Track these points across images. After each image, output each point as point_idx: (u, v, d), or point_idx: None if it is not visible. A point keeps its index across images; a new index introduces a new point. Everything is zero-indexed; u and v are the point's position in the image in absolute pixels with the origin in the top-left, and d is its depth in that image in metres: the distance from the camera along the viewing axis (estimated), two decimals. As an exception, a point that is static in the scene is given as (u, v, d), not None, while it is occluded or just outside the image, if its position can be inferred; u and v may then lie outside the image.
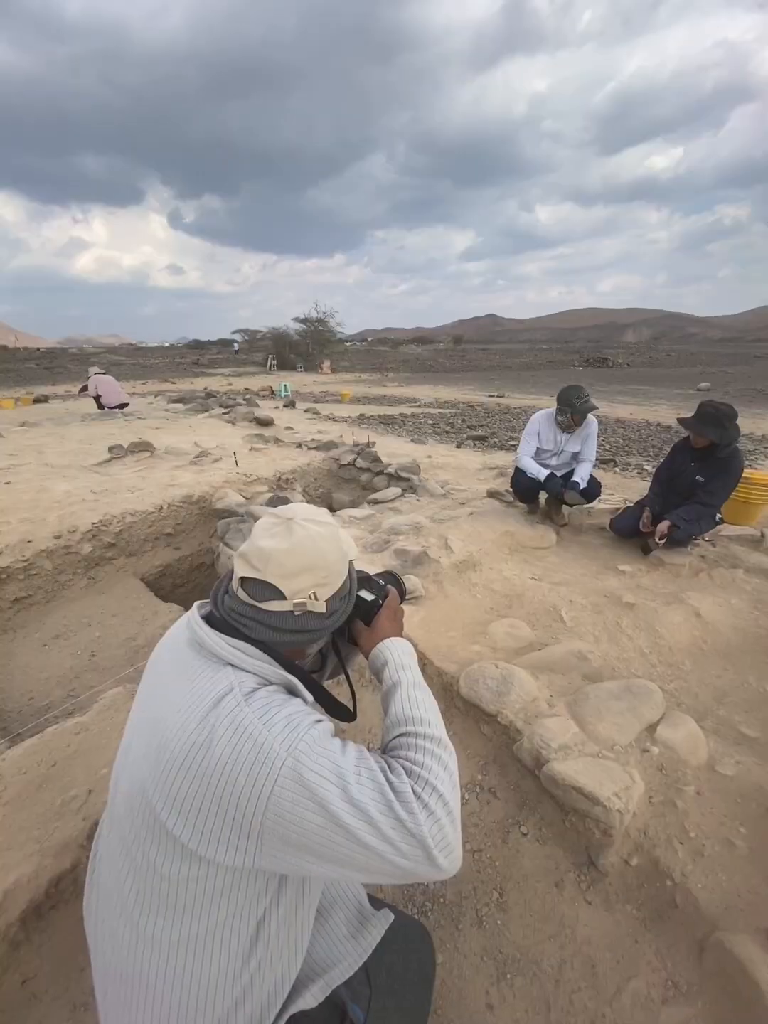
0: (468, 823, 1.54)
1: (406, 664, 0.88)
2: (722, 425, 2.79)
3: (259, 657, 0.78)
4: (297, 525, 0.81)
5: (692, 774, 1.56)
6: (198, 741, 0.69)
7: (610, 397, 15.70)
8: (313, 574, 0.79)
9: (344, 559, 0.86)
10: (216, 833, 0.67)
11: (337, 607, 0.85)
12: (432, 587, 2.72)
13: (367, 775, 0.70)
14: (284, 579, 0.78)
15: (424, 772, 0.72)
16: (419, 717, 0.80)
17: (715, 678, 2.15)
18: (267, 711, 0.71)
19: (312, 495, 5.52)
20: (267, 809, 0.66)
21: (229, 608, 0.82)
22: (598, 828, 1.39)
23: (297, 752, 0.68)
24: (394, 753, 0.78)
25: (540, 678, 1.94)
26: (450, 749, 0.78)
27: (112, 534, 3.68)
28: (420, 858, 0.67)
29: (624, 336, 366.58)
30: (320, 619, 0.82)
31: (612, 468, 6.66)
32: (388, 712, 0.83)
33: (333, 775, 0.68)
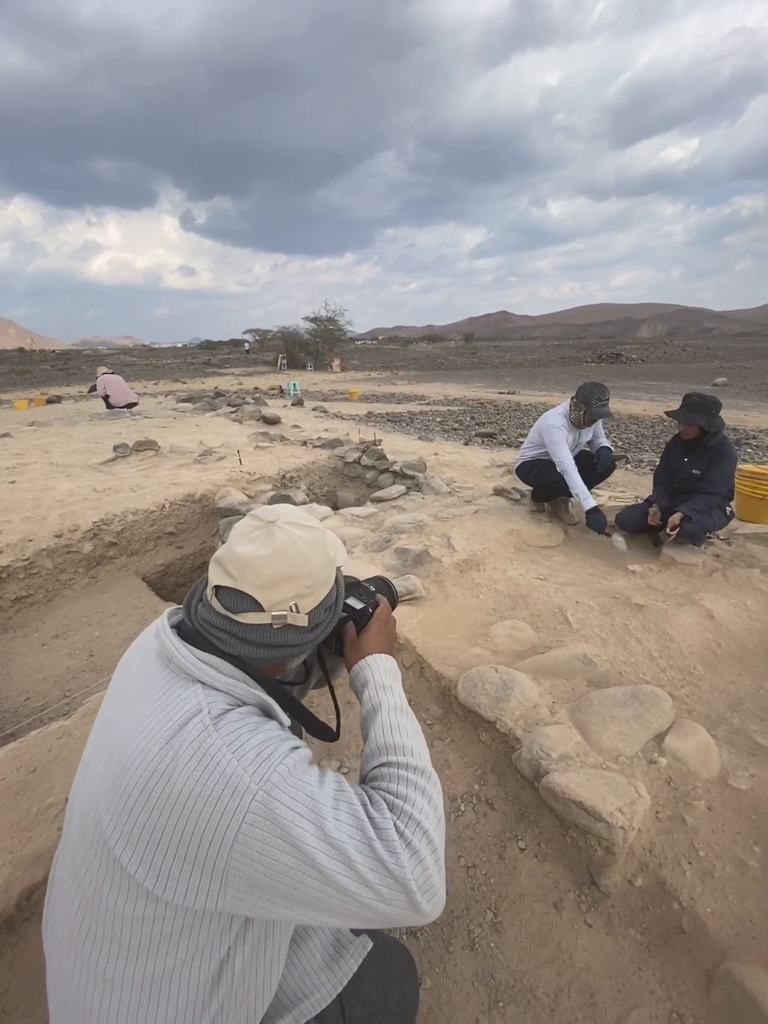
0: (463, 836, 1.46)
1: (388, 685, 0.81)
2: (709, 412, 2.83)
3: (232, 674, 0.71)
4: (279, 529, 0.73)
5: (703, 787, 1.46)
6: (159, 768, 0.62)
7: (623, 393, 15.44)
8: (295, 584, 0.72)
9: (330, 566, 0.78)
10: (175, 873, 0.61)
11: (321, 619, 0.78)
12: (433, 587, 2.64)
13: (346, 809, 0.63)
14: (262, 589, 0.70)
15: (407, 806, 0.66)
16: (401, 745, 0.73)
17: (729, 684, 2.04)
18: (237, 737, 0.64)
19: (317, 493, 5.47)
20: (233, 848, 0.59)
21: (202, 619, 0.74)
22: (600, 845, 1.30)
23: (269, 785, 0.61)
24: (375, 784, 0.71)
25: (542, 683, 1.86)
26: (435, 780, 0.71)
27: (113, 533, 3.67)
28: (401, 903, 0.61)
29: (638, 331, 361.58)
30: (302, 633, 0.75)
31: (624, 465, 6.50)
32: (367, 739, 0.76)
33: (308, 810, 0.61)
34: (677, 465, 3.08)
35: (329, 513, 3.75)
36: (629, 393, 15.58)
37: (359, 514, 3.76)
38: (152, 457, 5.29)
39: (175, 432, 6.80)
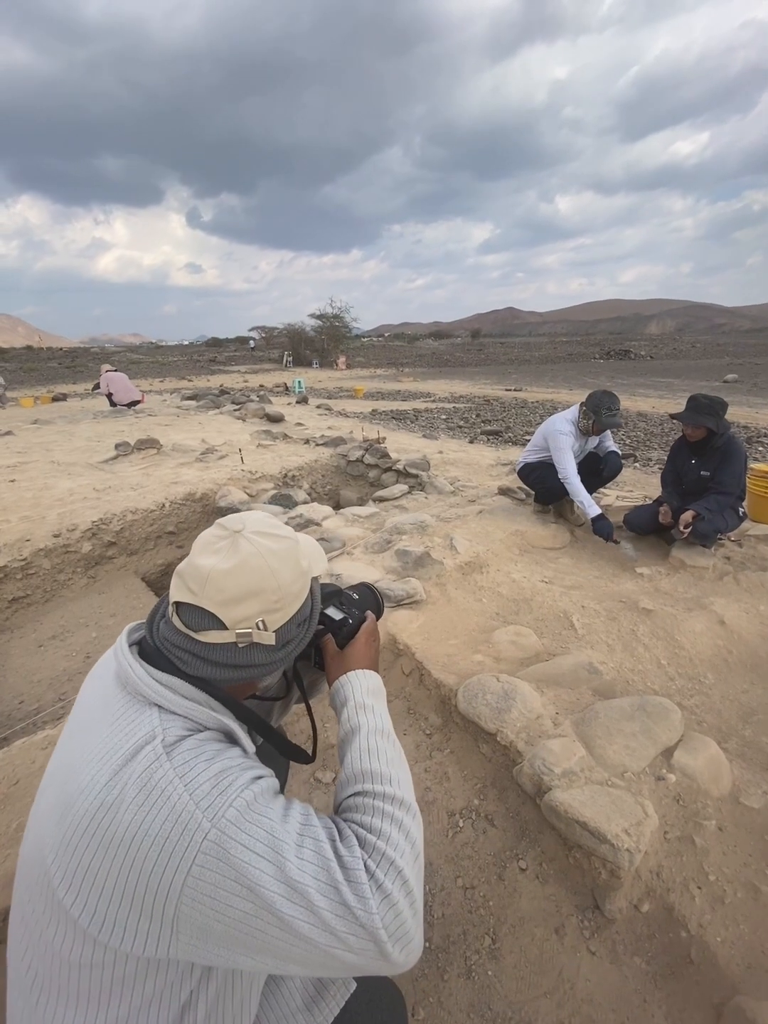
0: (461, 854, 1.40)
1: (368, 705, 0.74)
2: (716, 413, 2.74)
3: (193, 696, 0.66)
4: (244, 540, 0.68)
5: (713, 806, 1.40)
6: (105, 803, 0.57)
7: (632, 390, 15.26)
8: (261, 599, 0.66)
9: (303, 578, 0.72)
10: (121, 918, 0.55)
11: (293, 635, 0.72)
12: (434, 590, 2.57)
13: (311, 847, 0.57)
14: (224, 606, 0.65)
15: (381, 842, 0.59)
16: (378, 772, 0.67)
17: (741, 693, 1.97)
18: (192, 767, 0.58)
19: (319, 492, 5.42)
20: (183, 893, 0.53)
21: (163, 636, 0.69)
22: (605, 868, 1.24)
23: (224, 822, 0.55)
24: (347, 816, 0.65)
25: (546, 693, 1.79)
26: (414, 812, 0.65)
27: (113, 532, 3.63)
28: (370, 953, 0.55)
29: (647, 328, 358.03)
30: (270, 651, 0.69)
31: (632, 463, 6.40)
32: (343, 763, 0.70)
33: (267, 849, 0.55)
34: (685, 467, 2.99)
35: (330, 513, 3.70)
36: (638, 390, 15.39)
37: (360, 514, 3.70)
38: (153, 455, 5.25)
39: (178, 430, 6.77)
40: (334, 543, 3.03)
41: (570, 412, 3.32)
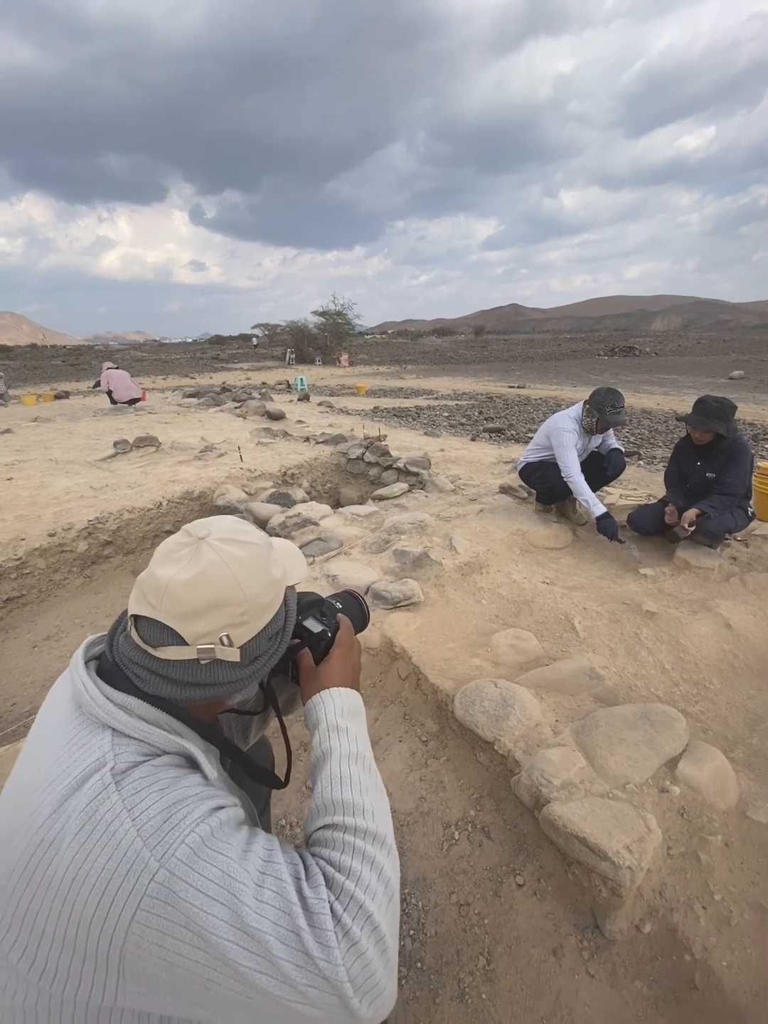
0: (456, 869, 1.35)
1: (342, 727, 0.69)
2: (726, 417, 2.65)
3: (150, 718, 0.61)
4: (208, 547, 0.62)
5: (719, 820, 1.34)
6: (46, 839, 0.52)
7: (636, 387, 15.12)
8: (225, 612, 0.61)
9: (274, 588, 0.67)
10: (64, 965, 0.50)
11: (263, 650, 0.66)
12: (433, 592, 2.52)
13: (272, 888, 0.52)
14: (183, 620, 0.60)
15: (350, 883, 0.54)
16: (350, 802, 0.61)
17: (747, 699, 1.91)
18: (142, 798, 0.53)
19: (319, 490, 5.37)
20: (128, 940, 0.48)
21: (122, 652, 0.64)
22: (605, 886, 1.19)
23: (173, 861, 0.50)
24: (315, 851, 0.59)
25: (545, 699, 1.74)
26: (389, 847, 0.60)
27: (109, 531, 3.59)
28: (333, 1007, 0.50)
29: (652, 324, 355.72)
30: (235, 669, 0.63)
31: (636, 461, 6.31)
32: (313, 792, 0.65)
33: (222, 892, 0.50)
34: (690, 469, 2.91)
35: (328, 512, 3.65)
36: (642, 387, 15.26)
37: (359, 513, 3.64)
38: (152, 453, 5.21)
39: (177, 428, 6.73)
40: (331, 543, 2.98)
41: (573, 410, 3.25)
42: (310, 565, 2.79)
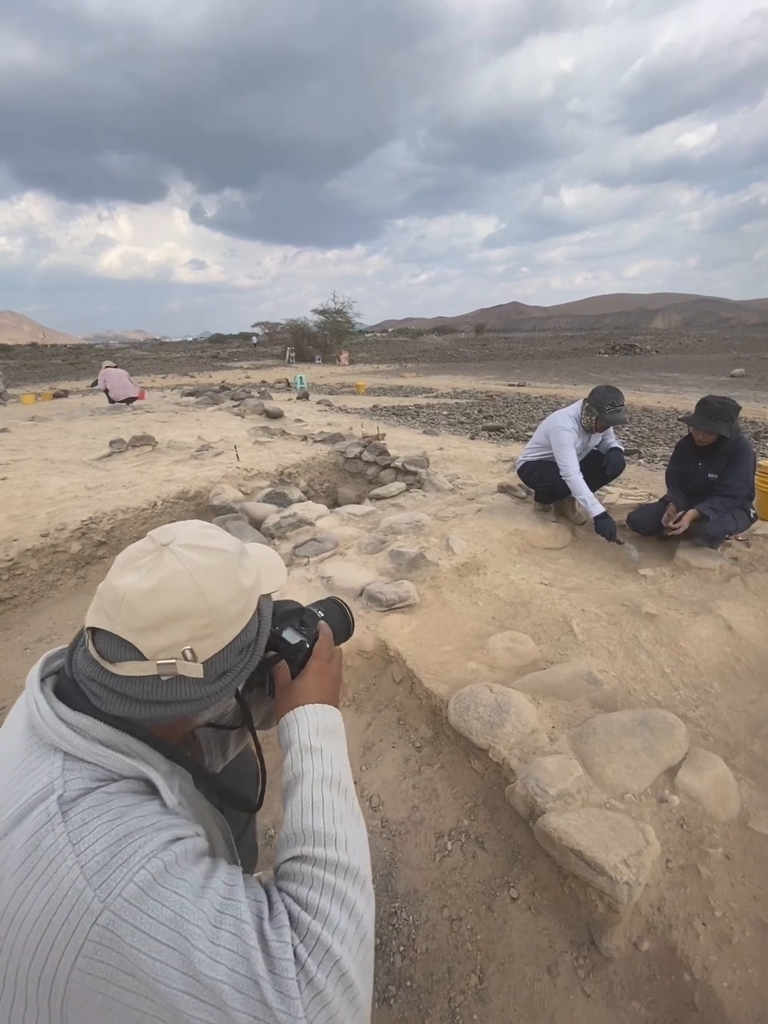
0: (448, 881, 1.31)
1: (315, 748, 0.64)
2: (730, 418, 2.60)
3: (107, 739, 0.56)
4: (171, 555, 0.58)
5: (720, 831, 1.30)
6: None
7: (637, 385, 15.06)
8: (187, 624, 0.57)
9: (245, 598, 0.62)
10: (3, 1010, 0.46)
11: (231, 664, 0.62)
12: (429, 593, 2.48)
13: (231, 929, 0.47)
14: (141, 633, 0.55)
15: (316, 923, 0.50)
16: (321, 832, 0.57)
17: (749, 704, 1.86)
18: (89, 832, 0.49)
19: (317, 490, 5.33)
20: (69, 988, 0.45)
21: (80, 669, 0.60)
22: (602, 901, 1.15)
23: (119, 902, 0.46)
24: (282, 885, 0.55)
25: (542, 704, 1.70)
26: (363, 880, 0.56)
27: (103, 532, 3.55)
28: None
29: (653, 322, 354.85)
30: (199, 685, 0.59)
31: (637, 460, 6.26)
32: (284, 818, 0.61)
33: (173, 935, 0.46)
34: (691, 469, 2.86)
35: (324, 512, 3.61)
36: (643, 385, 15.19)
37: (356, 513, 3.60)
38: (148, 453, 5.17)
39: (175, 427, 6.69)
40: (326, 544, 2.94)
41: (573, 408, 3.20)
42: (304, 566, 2.75)
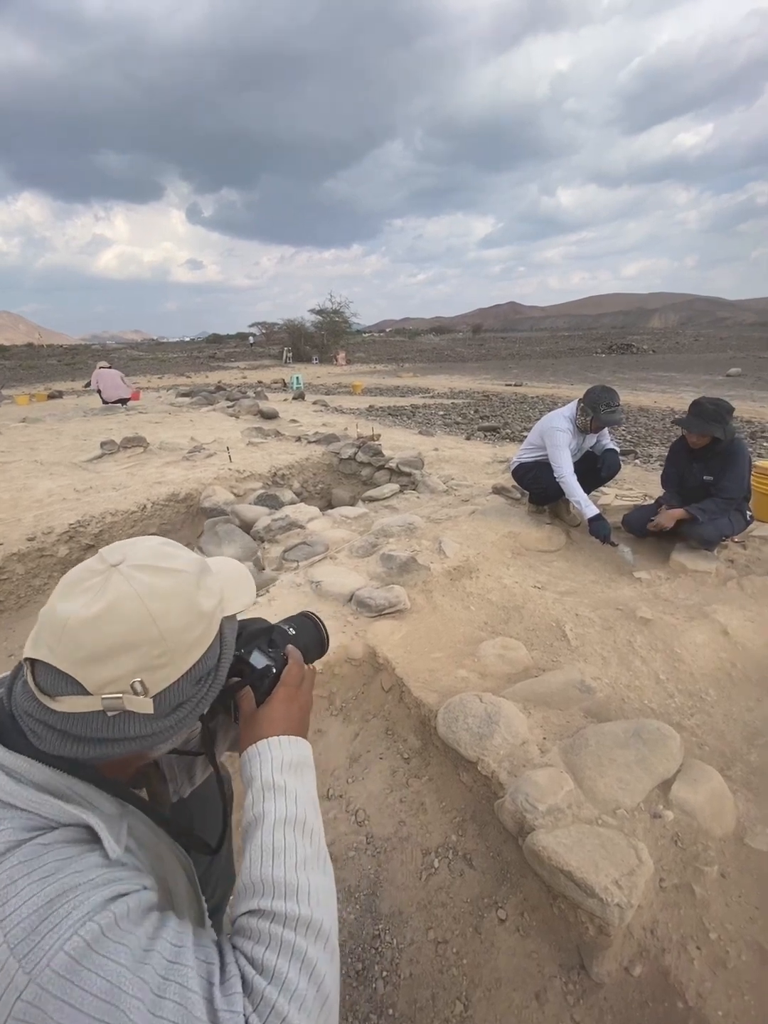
0: (434, 901, 1.27)
1: (279, 785, 0.59)
2: (723, 420, 2.55)
3: (44, 783, 0.51)
4: (119, 577, 0.53)
5: (715, 848, 1.25)
6: None
7: (633, 385, 15.04)
8: (136, 654, 0.51)
9: (204, 622, 0.57)
10: None
11: (187, 695, 0.57)
12: (420, 598, 2.43)
13: (175, 999, 0.43)
14: (84, 665, 0.50)
15: (272, 989, 0.45)
16: (281, 882, 0.52)
17: (745, 711, 1.82)
18: (17, 892, 0.44)
19: (311, 491, 5.27)
20: None
21: (19, 703, 0.54)
22: (592, 923, 1.10)
23: (46, 975, 0.41)
24: (237, 943, 0.50)
25: (533, 714, 1.65)
26: (327, 936, 0.51)
27: (91, 535, 3.50)
28: None
29: (650, 322, 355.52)
30: (152, 720, 0.54)
31: (633, 460, 6.23)
32: (242, 865, 0.56)
33: (109, 1009, 0.41)
34: (687, 471, 2.82)
35: (316, 514, 3.56)
36: (639, 385, 15.17)
37: (348, 515, 3.55)
38: (140, 454, 5.12)
39: (168, 428, 6.63)
40: (316, 547, 2.89)
41: (568, 409, 3.16)
42: (293, 570, 2.70)
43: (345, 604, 2.34)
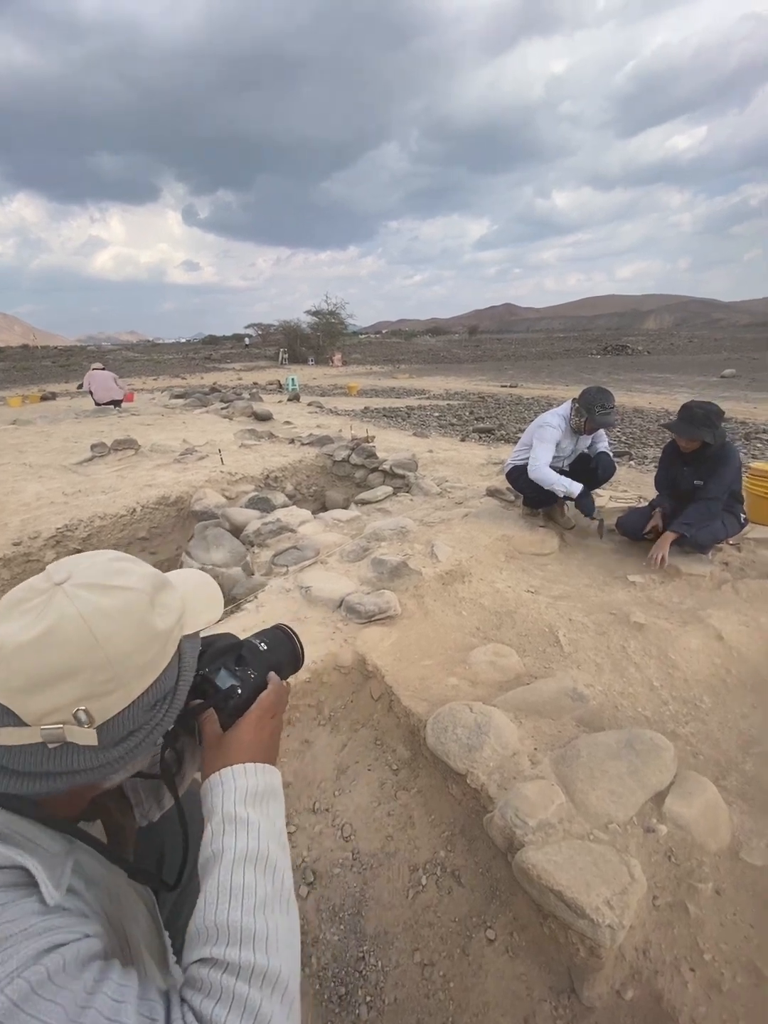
0: (421, 921, 1.23)
1: (242, 818, 0.55)
2: (714, 424, 2.53)
3: None
4: (63, 596, 0.49)
5: (710, 863, 1.22)
6: None
7: (628, 386, 15.06)
8: (79, 680, 0.48)
9: (158, 643, 0.53)
10: None
11: (140, 723, 0.53)
12: (411, 603, 2.39)
13: None
14: (20, 695, 0.46)
15: None
16: (236, 927, 0.48)
17: (740, 719, 1.79)
18: None
19: (304, 493, 5.23)
20: None
21: None
22: (583, 944, 1.06)
23: None
24: (185, 995, 0.46)
25: (524, 724, 1.61)
26: (284, 987, 0.47)
27: (79, 540, 3.44)
28: None
29: (645, 323, 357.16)
30: (94, 753, 0.50)
31: (627, 461, 6.21)
32: (196, 906, 0.52)
33: None
34: (678, 475, 2.80)
35: (308, 517, 3.51)
36: (634, 386, 15.20)
37: (340, 518, 3.51)
38: (131, 456, 5.06)
39: (160, 430, 6.57)
40: (306, 552, 2.85)
41: (563, 408, 3.13)
42: (283, 576, 2.66)
43: (335, 610, 2.30)
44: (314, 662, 1.93)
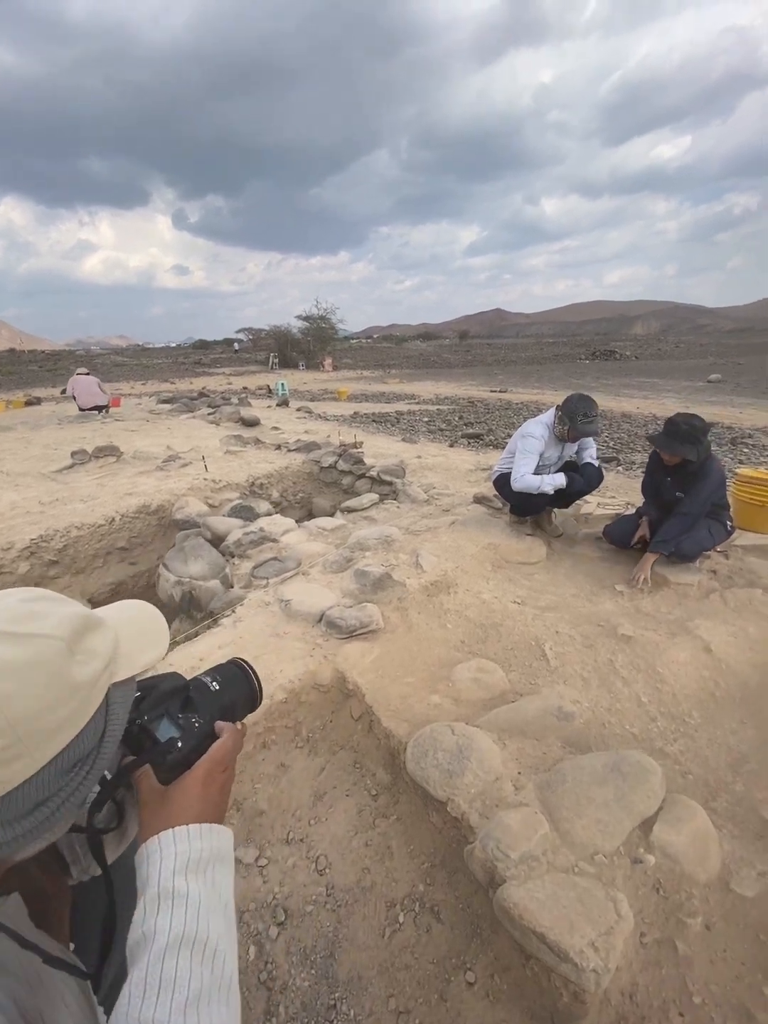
0: (398, 963, 1.16)
1: (179, 893, 0.48)
2: (698, 441, 2.50)
3: None
4: None
5: (699, 895, 1.17)
6: None
7: (616, 391, 15.16)
8: None
9: (77, 697, 0.47)
10: None
11: (52, 790, 0.46)
12: (394, 616, 2.33)
13: None
14: None
15: None
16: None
17: (730, 735, 1.75)
18: None
19: (290, 500, 5.15)
20: None
21: None
22: (567, 989, 1.00)
23: None
24: None
25: (508, 745, 1.55)
26: None
27: (54, 551, 3.34)
28: None
29: (632, 328, 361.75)
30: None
31: (615, 467, 6.21)
32: (119, 1000, 0.44)
33: None
34: (662, 484, 2.79)
35: (291, 526, 3.44)
36: (622, 391, 15.30)
37: (325, 527, 3.44)
38: (112, 464, 4.95)
39: (144, 436, 6.46)
40: (288, 563, 2.78)
41: (547, 416, 3.09)
42: (263, 588, 2.58)
43: (315, 624, 2.23)
44: (292, 681, 1.86)
